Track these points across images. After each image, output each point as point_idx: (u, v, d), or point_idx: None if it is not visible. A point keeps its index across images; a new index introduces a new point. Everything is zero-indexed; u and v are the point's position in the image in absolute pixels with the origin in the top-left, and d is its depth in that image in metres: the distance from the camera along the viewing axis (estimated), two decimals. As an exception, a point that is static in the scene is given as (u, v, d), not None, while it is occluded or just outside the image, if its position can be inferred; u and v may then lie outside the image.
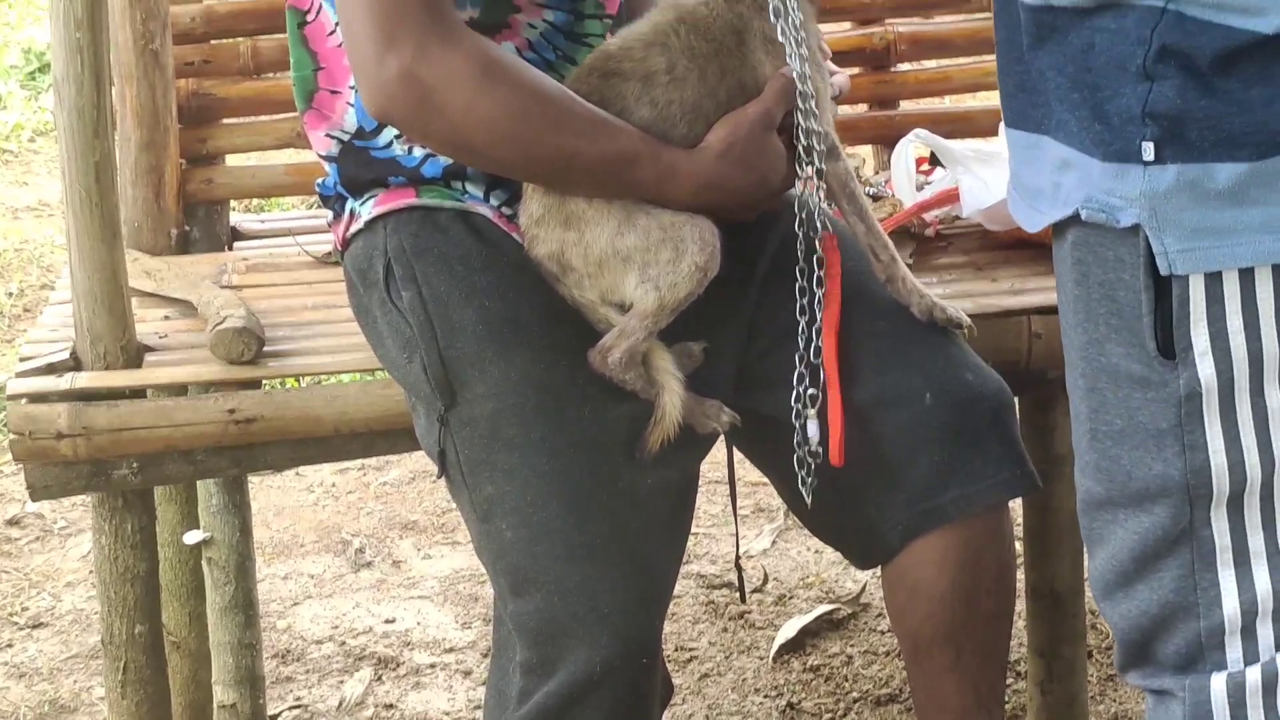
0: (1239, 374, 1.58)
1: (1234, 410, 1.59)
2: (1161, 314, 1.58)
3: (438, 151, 2.04)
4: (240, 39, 3.12)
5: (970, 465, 2.05)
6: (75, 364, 2.48)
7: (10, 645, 3.43)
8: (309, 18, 2.12)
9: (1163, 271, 1.55)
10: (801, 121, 2.00)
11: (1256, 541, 1.63)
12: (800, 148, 2.01)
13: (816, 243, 2.04)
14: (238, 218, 3.32)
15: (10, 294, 5.15)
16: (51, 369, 2.47)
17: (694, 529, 2.25)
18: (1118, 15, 1.55)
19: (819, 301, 2.03)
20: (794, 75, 1.99)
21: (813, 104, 2.00)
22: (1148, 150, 1.54)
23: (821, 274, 2.03)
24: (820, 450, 2.03)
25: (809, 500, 2.05)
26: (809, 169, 2.01)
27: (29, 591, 3.65)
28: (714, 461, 2.21)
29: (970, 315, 2.14)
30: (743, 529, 3.71)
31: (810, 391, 2.03)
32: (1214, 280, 1.55)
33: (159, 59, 2.96)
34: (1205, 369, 1.58)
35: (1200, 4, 1.51)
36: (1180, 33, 1.52)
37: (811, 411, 2.02)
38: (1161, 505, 1.63)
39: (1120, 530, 1.67)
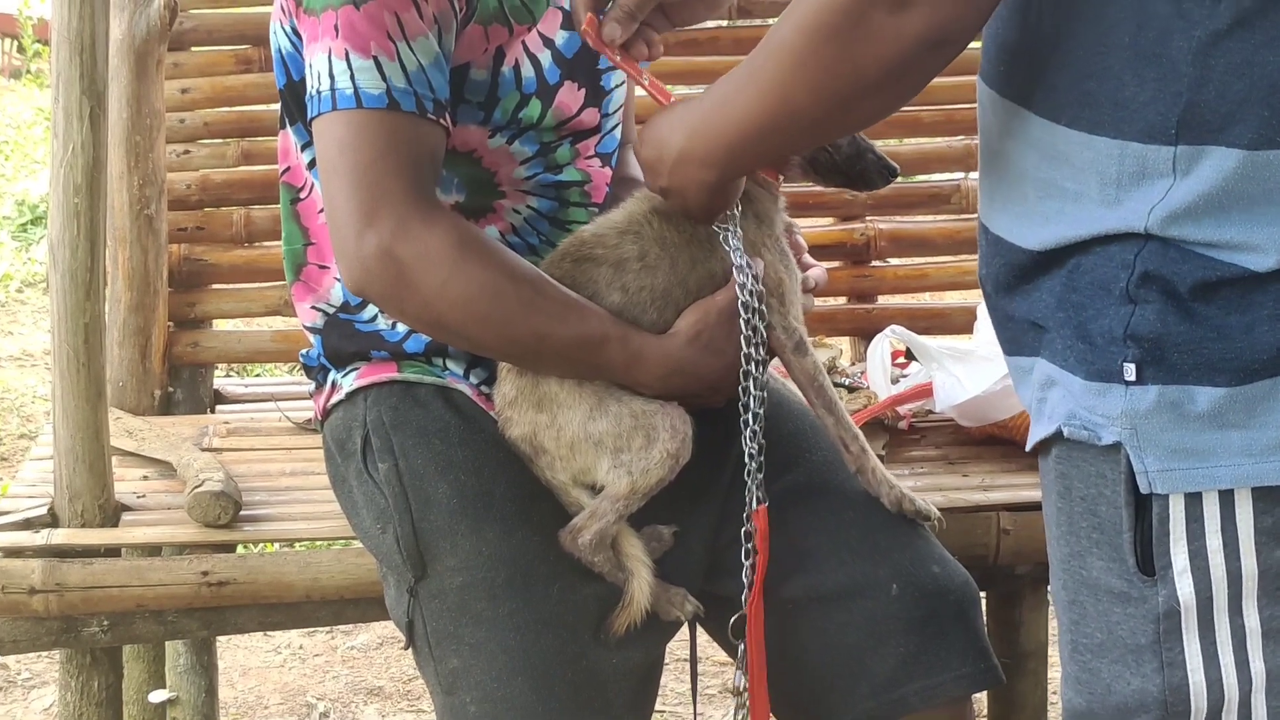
0: (1218, 593, 1.57)
1: (1213, 629, 1.58)
2: (1142, 531, 1.58)
3: (413, 328, 2.07)
4: (234, 208, 3.18)
5: (935, 657, 2.06)
6: (53, 520, 2.50)
7: (-33, 800, 3.40)
8: (302, 194, 2.17)
9: (1142, 490, 1.56)
10: (748, 314, 2.00)
11: None
12: (742, 338, 2.00)
13: (751, 504, 2.02)
14: (222, 381, 3.35)
15: (-11, 443, 5.17)
16: (29, 524, 2.48)
17: (660, 707, 2.26)
18: (1104, 240, 1.57)
19: (751, 567, 2.02)
20: (749, 271, 2.02)
21: (761, 300, 2.01)
22: (1129, 371, 1.55)
23: (751, 546, 2.02)
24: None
25: None
26: (752, 363, 2.01)
27: (-12, 745, 3.62)
28: (683, 639, 2.22)
29: (940, 509, 2.16)
30: (710, 708, 3.70)
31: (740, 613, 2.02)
32: (1194, 500, 1.55)
33: (153, 224, 3.02)
34: (1184, 587, 1.57)
35: (1188, 238, 1.53)
36: (1162, 259, 1.53)
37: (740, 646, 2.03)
38: (1140, 719, 1.62)
39: None
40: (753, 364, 1.99)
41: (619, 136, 2.26)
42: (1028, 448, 1.71)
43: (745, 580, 1.99)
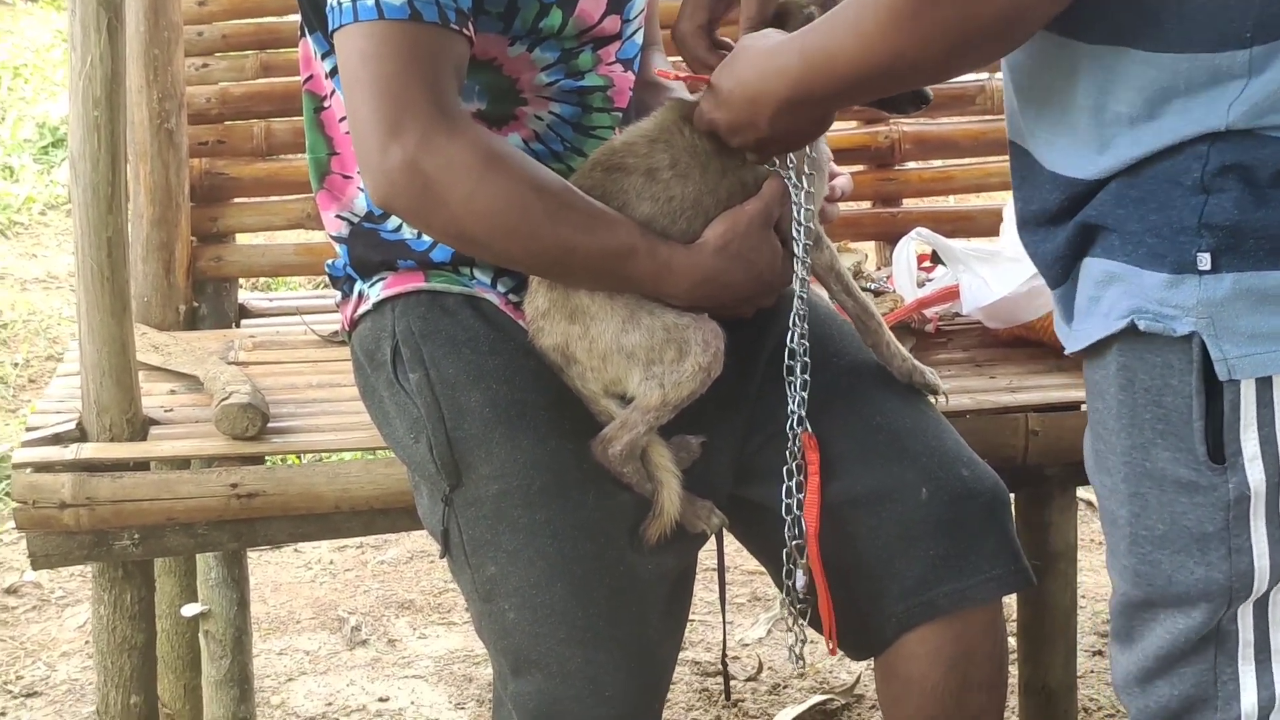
0: None
1: (1278, 512, 1.61)
2: (1211, 419, 1.59)
3: (439, 241, 2.07)
4: (254, 120, 3.16)
5: (965, 560, 2.06)
6: (81, 435, 2.51)
7: (4, 714, 3.42)
8: (325, 103, 2.16)
9: (1221, 377, 1.57)
10: (795, 225, 2.02)
11: (1278, 638, 1.66)
12: (797, 249, 2.03)
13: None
14: (246, 296, 3.35)
15: (16, 364, 5.17)
16: (57, 439, 2.50)
17: (691, 616, 2.26)
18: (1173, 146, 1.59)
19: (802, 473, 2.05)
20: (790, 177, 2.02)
21: (805, 210, 2.03)
22: (1204, 260, 1.56)
23: (802, 478, 2.05)
24: (808, 601, 2.06)
25: (800, 651, 2.09)
26: (803, 270, 2.03)
27: (24, 660, 3.64)
28: (712, 549, 2.23)
29: (968, 411, 2.17)
30: (738, 617, 3.72)
31: (796, 543, 2.05)
32: (1264, 385, 1.57)
33: (174, 138, 3.00)
34: (1255, 473, 1.59)
35: (1268, 126, 1.55)
36: (1241, 150, 1.55)
37: (802, 563, 2.04)
38: (1201, 608, 1.65)
39: (1158, 629, 1.69)
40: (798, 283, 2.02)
41: (640, 41, 2.24)
42: (1075, 347, 1.71)
43: (792, 508, 2.03)
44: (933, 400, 2.17)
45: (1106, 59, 1.59)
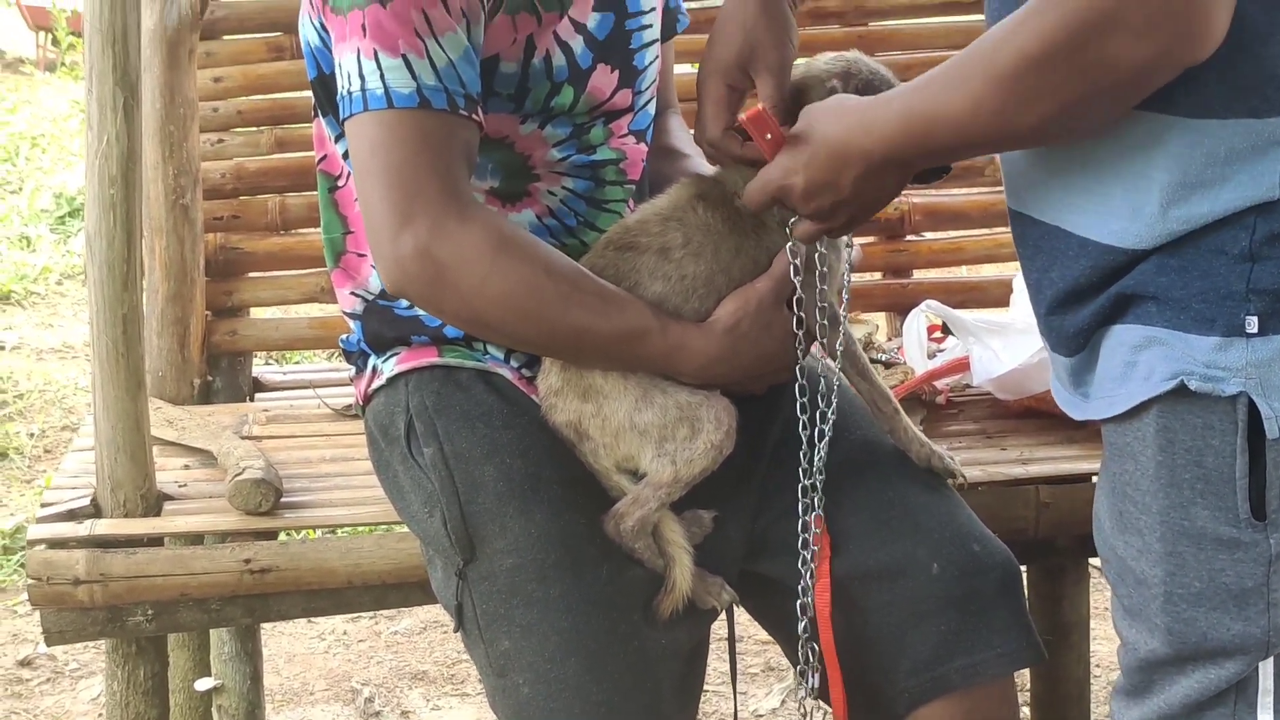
0: None
1: None
2: (1254, 477, 1.62)
3: (452, 325, 2.08)
4: (269, 195, 3.19)
5: (976, 635, 2.06)
6: (95, 511, 2.52)
7: (17, 789, 3.43)
8: (339, 183, 2.18)
9: (1270, 435, 1.60)
10: (802, 303, 2.03)
11: None
12: (802, 330, 2.04)
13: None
14: (260, 369, 3.37)
15: (32, 435, 5.20)
16: (72, 515, 2.50)
17: (705, 687, 2.26)
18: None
19: (813, 556, 2.06)
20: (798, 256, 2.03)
21: (821, 286, 2.04)
22: (1252, 324, 1.59)
23: (815, 541, 2.06)
24: (821, 695, 2.07)
25: None
26: (813, 346, 2.05)
27: (38, 734, 3.65)
28: (725, 621, 2.23)
29: (979, 483, 2.17)
30: (753, 687, 3.72)
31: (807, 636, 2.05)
32: None
33: (189, 214, 3.03)
34: None
35: None
36: None
37: (814, 655, 2.05)
38: (1236, 660, 1.67)
39: (1183, 681, 1.70)
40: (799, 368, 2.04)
41: (653, 111, 2.26)
42: (1109, 413, 1.71)
43: (804, 581, 2.03)
44: (950, 484, 2.17)
45: (1149, 124, 1.61)
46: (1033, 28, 1.55)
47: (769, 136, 1.88)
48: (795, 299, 2.02)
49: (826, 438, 2.05)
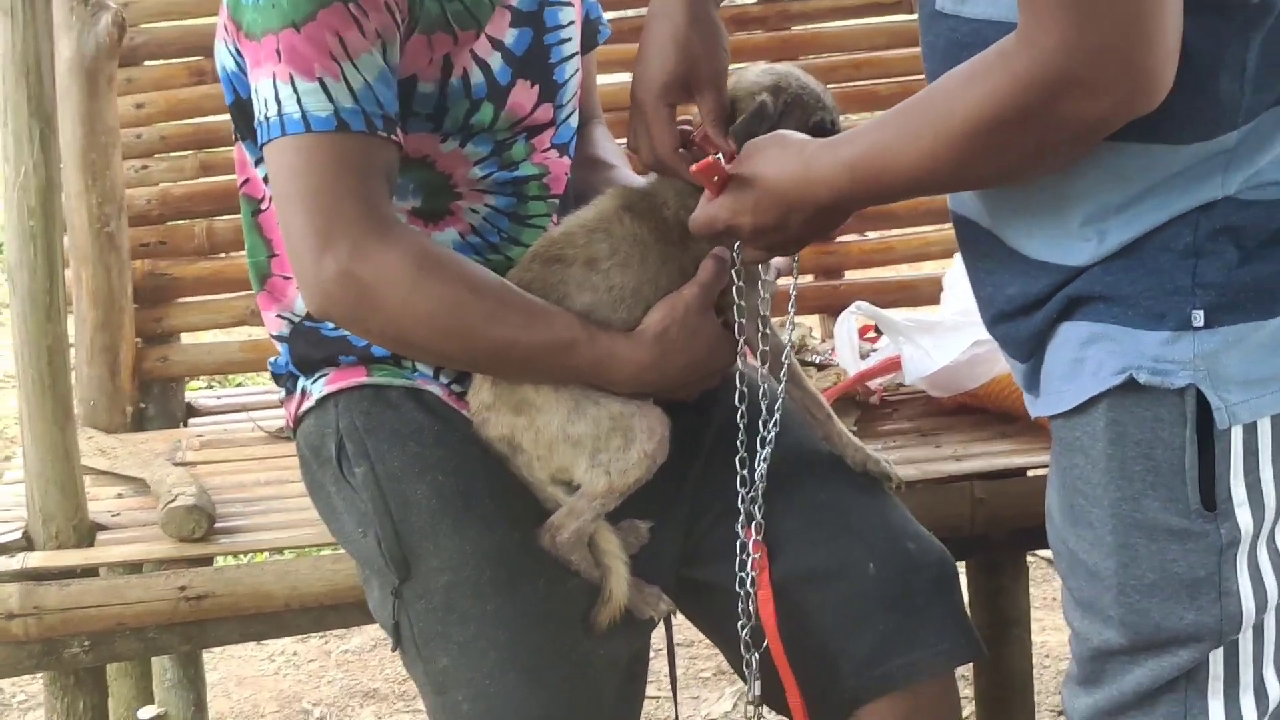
0: (1268, 518, 1.65)
1: (1257, 552, 1.66)
2: (1203, 468, 1.63)
3: (377, 344, 2.08)
4: (196, 220, 3.18)
5: (915, 634, 2.07)
6: (28, 544, 2.50)
7: (-37, 828, 3.40)
8: (262, 206, 2.17)
9: (1220, 425, 1.61)
10: (735, 304, 2.03)
11: (1246, 674, 1.69)
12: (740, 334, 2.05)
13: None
14: (193, 394, 3.35)
15: (-32, 465, 5.16)
16: (3, 549, 2.49)
17: (655, 693, 2.27)
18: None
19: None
20: (725, 256, 2.03)
21: (762, 292, 2.04)
22: (1198, 317, 1.60)
23: (755, 560, 2.05)
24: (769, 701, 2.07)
25: None
26: (741, 349, 2.05)
27: (-15, 771, 3.62)
28: (679, 624, 2.23)
29: (914, 481, 2.18)
30: (703, 691, 3.72)
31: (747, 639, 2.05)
32: (1249, 431, 1.62)
33: (114, 241, 3.02)
34: (1244, 517, 1.64)
35: (1265, 194, 1.60)
36: (1230, 214, 1.60)
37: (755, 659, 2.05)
38: (1190, 648, 1.68)
39: (1136, 671, 1.71)
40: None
41: (575, 124, 2.26)
42: (1058, 408, 1.72)
43: (745, 590, 2.03)
44: (887, 487, 2.17)
45: (1100, 154, 1.61)
46: (984, 89, 1.55)
47: (716, 179, 1.88)
48: (733, 307, 2.03)
49: (768, 449, 2.05)
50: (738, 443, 2.05)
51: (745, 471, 2.05)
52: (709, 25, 1.95)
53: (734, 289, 2.02)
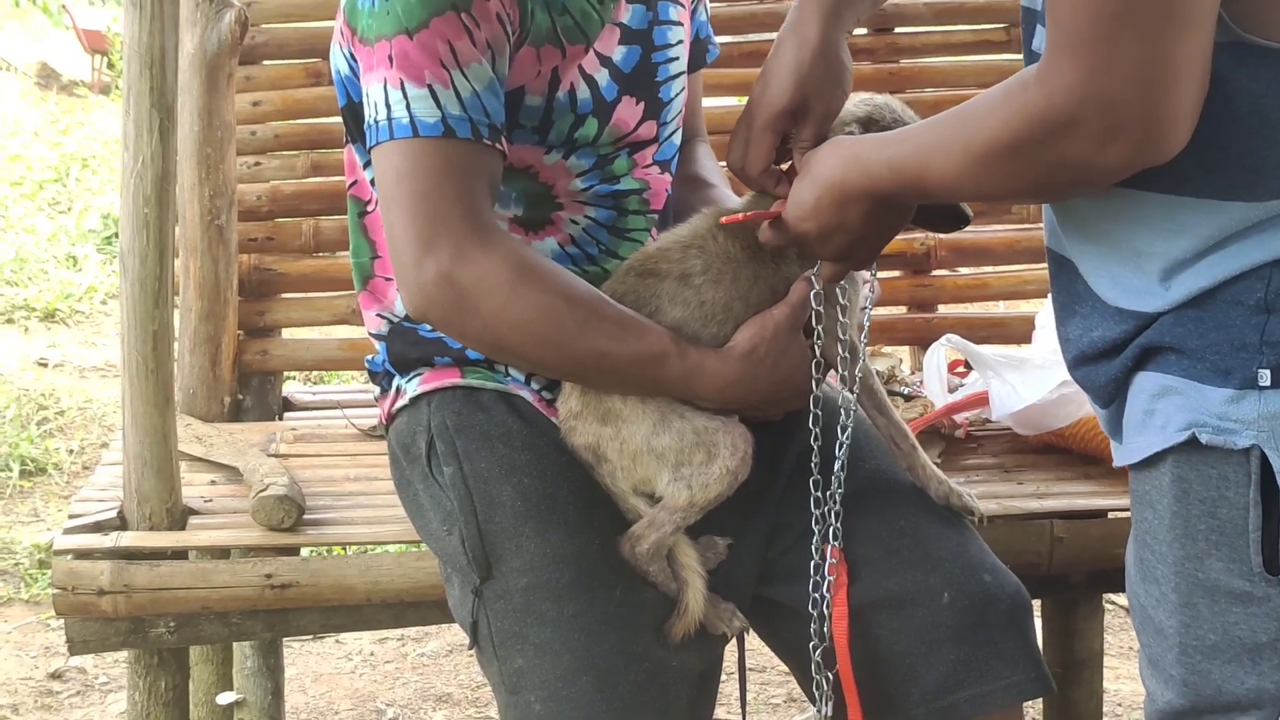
0: None
1: None
2: (1266, 531, 1.60)
3: (473, 349, 2.11)
4: (303, 218, 3.23)
5: (986, 666, 2.07)
6: (122, 523, 2.56)
7: (43, 799, 3.46)
8: (369, 208, 2.21)
9: None
10: (823, 335, 2.06)
11: None
12: (821, 359, 2.07)
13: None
14: (290, 389, 3.40)
15: (71, 451, 5.25)
16: (98, 527, 2.54)
17: (725, 716, 2.27)
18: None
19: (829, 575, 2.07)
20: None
21: (840, 316, 2.06)
22: (1264, 377, 1.58)
23: (831, 582, 2.07)
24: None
25: None
26: (830, 377, 2.07)
27: (65, 746, 3.69)
28: (752, 648, 2.24)
29: (994, 516, 2.17)
30: (773, 717, 3.72)
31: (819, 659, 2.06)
32: None
33: (224, 234, 3.08)
34: None
35: None
36: None
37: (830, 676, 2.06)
38: (1249, 716, 1.65)
39: None
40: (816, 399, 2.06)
41: (678, 141, 2.28)
42: (1129, 460, 1.72)
43: (820, 610, 2.04)
44: (969, 521, 2.18)
45: (1172, 209, 1.61)
46: (1002, 116, 1.57)
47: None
48: (815, 328, 2.05)
49: (841, 464, 2.06)
50: (812, 464, 2.07)
51: (820, 491, 2.06)
52: (835, 62, 1.98)
53: (813, 311, 2.04)
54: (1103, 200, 1.67)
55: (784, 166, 2.00)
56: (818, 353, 2.06)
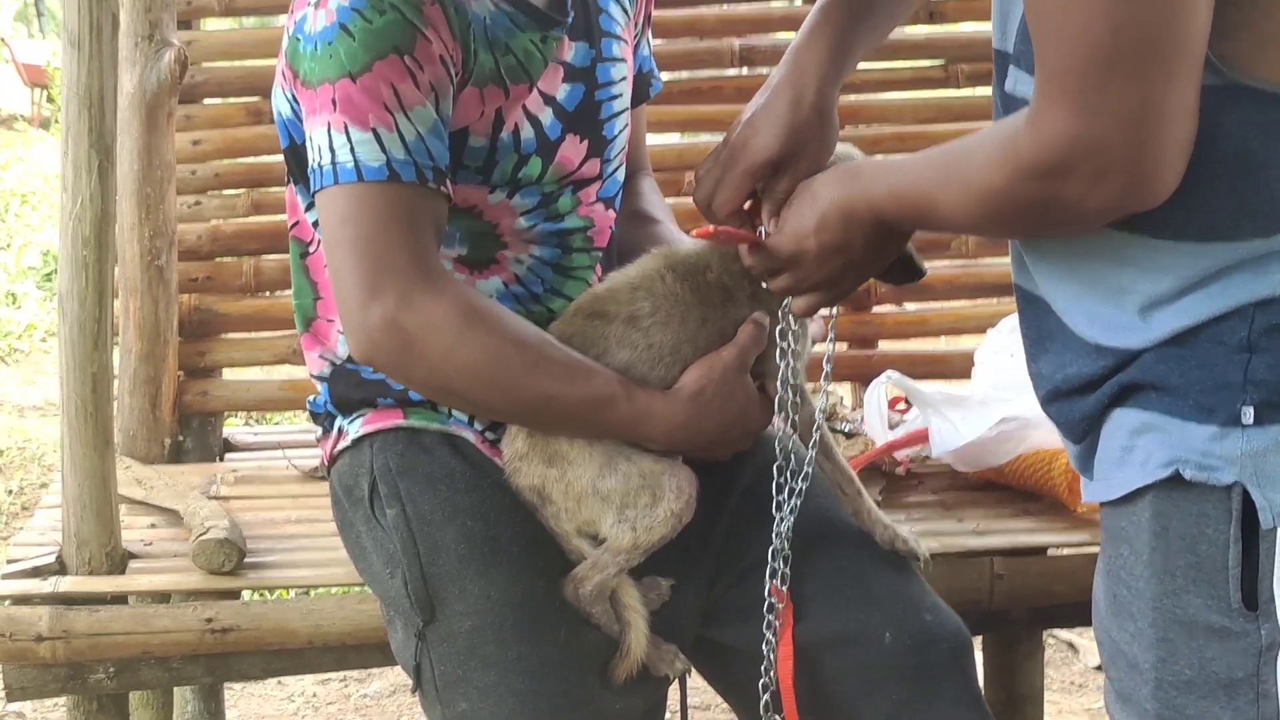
0: None
1: None
2: (1247, 566, 1.60)
3: (419, 393, 2.11)
4: (244, 258, 3.22)
5: (927, 705, 2.07)
6: (61, 568, 2.54)
7: None
8: (310, 249, 2.20)
9: (1264, 525, 1.58)
10: (779, 373, 2.06)
11: None
12: (776, 399, 2.07)
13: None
14: (231, 430, 3.39)
15: (10, 491, 5.21)
16: (36, 572, 2.52)
17: (665, 753, 2.27)
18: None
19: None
20: (763, 321, 2.06)
21: (792, 361, 2.07)
22: (1248, 414, 1.58)
23: (779, 616, 2.07)
24: None
25: None
26: (783, 417, 2.07)
27: (2, 792, 3.65)
28: (695, 686, 2.24)
29: (935, 554, 2.18)
30: (719, 754, 3.72)
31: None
32: None
33: (164, 274, 3.07)
34: None
35: None
36: None
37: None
38: None
39: None
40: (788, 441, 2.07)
41: (621, 177, 2.29)
42: (1104, 496, 1.72)
43: (768, 651, 2.04)
44: (915, 565, 2.18)
45: (1153, 250, 1.62)
46: (996, 161, 1.59)
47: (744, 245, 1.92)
48: (777, 370, 2.05)
49: (793, 509, 2.07)
50: (771, 500, 2.07)
51: (774, 529, 2.06)
52: (828, 122, 1.97)
53: (779, 347, 2.04)
54: (1080, 238, 1.68)
55: (746, 205, 2.00)
56: (781, 392, 2.07)
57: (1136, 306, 1.65)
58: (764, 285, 1.99)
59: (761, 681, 2.05)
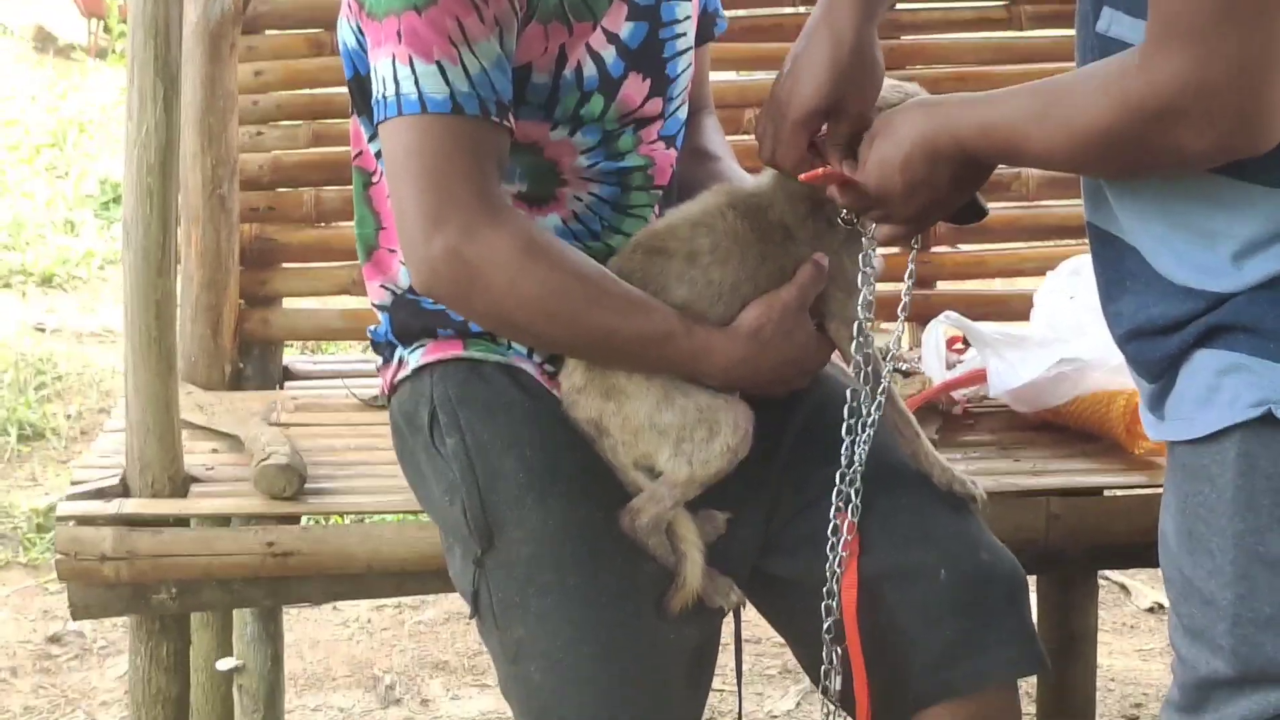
0: None
1: None
2: None
3: (480, 325, 2.12)
4: (305, 189, 3.24)
5: (982, 642, 2.09)
6: (124, 490, 2.57)
7: (42, 763, 3.48)
8: (374, 179, 2.22)
9: None
10: (860, 298, 2.06)
11: None
12: (855, 325, 2.08)
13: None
14: (291, 358, 3.41)
15: (69, 416, 5.26)
16: (101, 494, 2.56)
17: (720, 685, 2.29)
18: None
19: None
20: (823, 262, 2.07)
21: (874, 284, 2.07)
22: None
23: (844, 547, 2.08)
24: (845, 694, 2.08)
25: None
26: (857, 356, 2.08)
27: (64, 709, 3.70)
28: (748, 620, 2.26)
29: (991, 493, 2.18)
30: (768, 688, 3.75)
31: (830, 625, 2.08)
32: None
33: (225, 204, 3.08)
34: None
35: None
36: None
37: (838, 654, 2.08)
38: None
39: (1241, 702, 1.70)
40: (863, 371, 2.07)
41: (684, 116, 2.29)
42: (1186, 435, 1.72)
43: (832, 579, 2.06)
44: (973, 506, 2.18)
45: (1248, 194, 1.63)
46: (1103, 103, 1.60)
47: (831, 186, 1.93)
48: (842, 306, 2.07)
49: (868, 438, 2.07)
50: (844, 434, 2.07)
51: (845, 465, 2.07)
52: (870, 60, 1.95)
53: (862, 271, 2.05)
54: (1172, 179, 1.68)
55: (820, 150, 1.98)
56: (862, 315, 2.07)
57: (1230, 251, 1.66)
58: (835, 221, 2.01)
59: (824, 606, 2.06)
